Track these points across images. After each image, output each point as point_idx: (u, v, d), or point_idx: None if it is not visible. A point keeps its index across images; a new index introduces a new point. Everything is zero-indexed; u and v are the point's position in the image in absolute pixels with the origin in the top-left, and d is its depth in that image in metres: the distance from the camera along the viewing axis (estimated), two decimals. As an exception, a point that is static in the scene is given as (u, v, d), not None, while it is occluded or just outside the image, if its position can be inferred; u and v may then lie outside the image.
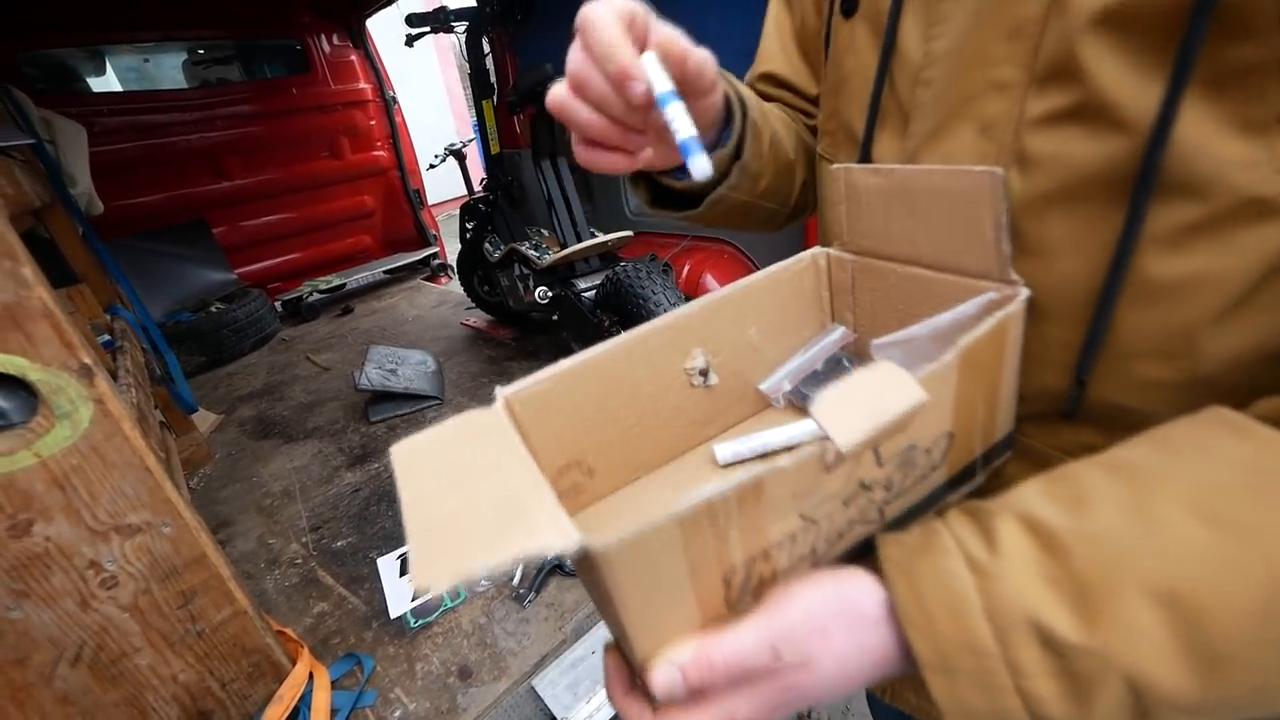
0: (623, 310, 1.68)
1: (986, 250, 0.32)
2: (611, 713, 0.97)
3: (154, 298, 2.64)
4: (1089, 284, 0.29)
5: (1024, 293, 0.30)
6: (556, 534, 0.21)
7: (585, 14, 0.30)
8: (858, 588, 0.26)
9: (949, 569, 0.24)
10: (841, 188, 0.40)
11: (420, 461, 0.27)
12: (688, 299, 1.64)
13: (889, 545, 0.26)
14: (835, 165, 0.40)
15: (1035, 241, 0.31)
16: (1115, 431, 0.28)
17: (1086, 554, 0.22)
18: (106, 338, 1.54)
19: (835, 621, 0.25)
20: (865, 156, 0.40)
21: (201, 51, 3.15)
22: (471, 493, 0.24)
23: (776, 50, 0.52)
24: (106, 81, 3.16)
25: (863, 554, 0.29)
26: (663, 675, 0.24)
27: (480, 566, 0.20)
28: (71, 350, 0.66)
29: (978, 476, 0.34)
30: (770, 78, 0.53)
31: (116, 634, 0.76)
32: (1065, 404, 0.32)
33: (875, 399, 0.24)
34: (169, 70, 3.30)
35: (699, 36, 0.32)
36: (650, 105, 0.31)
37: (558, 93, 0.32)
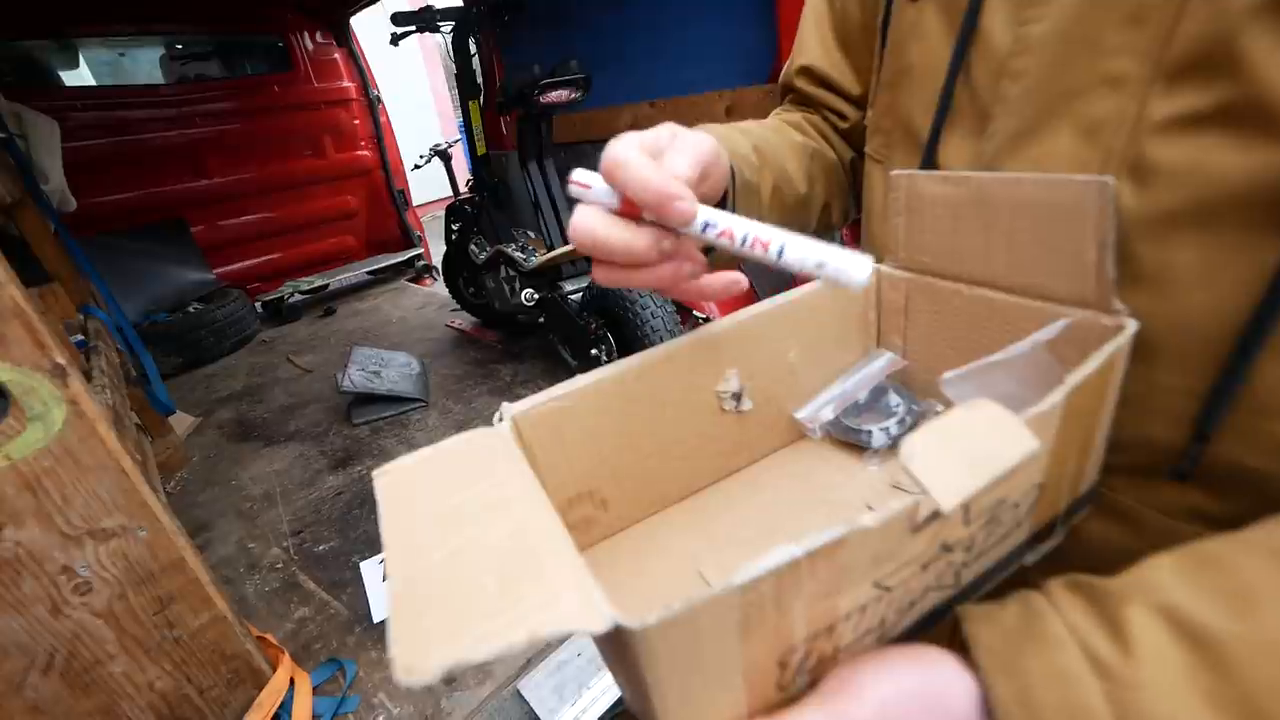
0: (609, 313, 1.68)
1: (1085, 274, 0.27)
2: (598, 714, 0.97)
3: (130, 298, 2.58)
4: (1220, 323, 0.25)
5: (1131, 324, 0.26)
6: (584, 609, 0.17)
7: (611, 153, 0.27)
8: (943, 677, 0.21)
9: (1066, 669, 0.20)
10: (902, 197, 0.35)
11: (409, 491, 0.22)
12: (674, 302, 1.65)
13: (979, 625, 0.22)
14: (896, 172, 0.35)
15: (1151, 268, 0.26)
16: (1226, 494, 0.24)
17: (1263, 670, 0.18)
18: (80, 338, 1.50)
19: (917, 718, 0.21)
20: (929, 159, 0.35)
21: (180, 46, 3.08)
22: (471, 537, 0.20)
23: (814, 43, 0.48)
24: (79, 75, 3.08)
25: (930, 623, 0.24)
26: None
27: (482, 649, 0.16)
28: (44, 350, 0.64)
29: (1057, 533, 0.30)
30: (808, 72, 0.49)
31: (90, 641, 0.74)
32: (1179, 460, 0.27)
33: (979, 447, 0.20)
34: (145, 65, 3.23)
35: (680, 46, 0.31)
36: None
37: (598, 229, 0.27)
